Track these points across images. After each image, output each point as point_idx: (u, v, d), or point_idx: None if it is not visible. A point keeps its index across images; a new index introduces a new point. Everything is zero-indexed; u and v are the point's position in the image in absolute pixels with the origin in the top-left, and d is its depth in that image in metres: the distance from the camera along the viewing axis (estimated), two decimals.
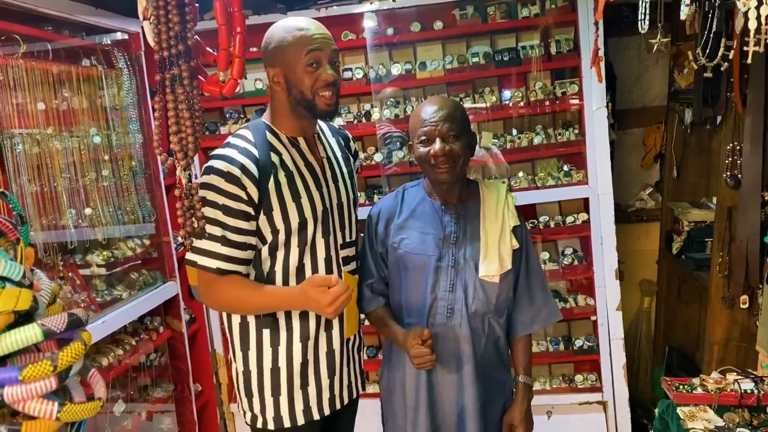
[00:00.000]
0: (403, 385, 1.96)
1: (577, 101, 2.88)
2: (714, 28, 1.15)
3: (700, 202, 3.24)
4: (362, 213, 2.60)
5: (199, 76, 1.03)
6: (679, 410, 1.92)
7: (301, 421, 1.79)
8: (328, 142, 1.89)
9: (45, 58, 2.24)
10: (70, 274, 2.34)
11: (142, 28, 2.63)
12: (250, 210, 1.63)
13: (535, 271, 1.97)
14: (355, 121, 2.99)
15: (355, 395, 1.95)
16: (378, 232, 1.97)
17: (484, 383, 1.91)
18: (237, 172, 1.59)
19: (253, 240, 1.67)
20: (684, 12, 1.19)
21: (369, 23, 2.93)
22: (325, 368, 1.80)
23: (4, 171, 2.01)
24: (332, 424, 1.92)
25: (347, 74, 2.95)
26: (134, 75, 2.66)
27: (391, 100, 2.99)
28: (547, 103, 2.91)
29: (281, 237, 1.69)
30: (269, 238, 1.68)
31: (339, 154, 1.90)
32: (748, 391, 1.91)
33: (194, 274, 1.73)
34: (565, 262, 2.98)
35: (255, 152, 1.65)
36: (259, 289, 1.69)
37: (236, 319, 1.77)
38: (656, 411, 2.07)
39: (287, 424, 1.78)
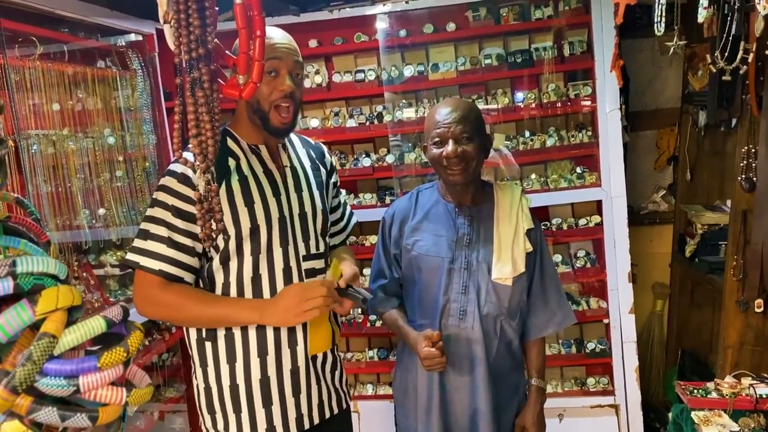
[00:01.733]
0: (415, 387, 1.97)
1: (590, 103, 2.87)
2: (733, 31, 1.14)
3: (714, 204, 3.21)
4: (374, 215, 2.62)
5: (219, 80, 1.04)
6: (693, 415, 1.90)
7: None
8: (295, 152, 1.84)
9: (60, 59, 2.26)
10: (84, 274, 2.36)
11: (156, 29, 2.67)
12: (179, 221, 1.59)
13: (549, 274, 1.97)
14: (367, 123, 2.99)
15: (329, 414, 1.83)
16: (392, 233, 1.97)
17: (496, 386, 1.91)
18: (189, 173, 1.56)
19: (199, 247, 1.62)
20: (702, 15, 1.18)
21: (381, 25, 2.94)
22: (289, 386, 1.71)
23: (20, 171, 2.02)
24: None
25: (360, 76, 2.96)
26: (148, 76, 2.68)
27: (403, 101, 2.99)
28: (559, 104, 2.90)
29: (232, 244, 1.63)
30: (221, 244, 1.63)
31: (307, 164, 1.84)
32: (764, 396, 1.90)
33: None
34: (577, 265, 2.97)
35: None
36: (204, 296, 1.63)
37: (194, 335, 1.71)
38: (670, 415, 2.05)
39: None
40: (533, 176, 2.95)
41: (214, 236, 1.12)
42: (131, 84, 2.62)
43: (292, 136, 1.87)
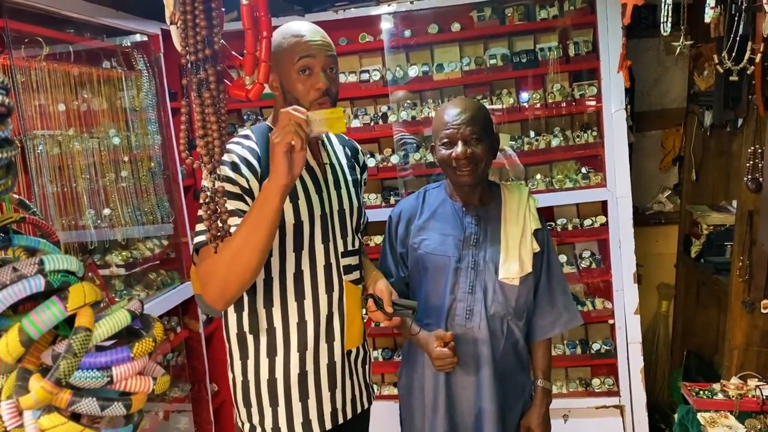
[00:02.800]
0: (421, 386, 1.97)
1: (595, 103, 2.86)
2: (740, 31, 1.14)
3: (720, 205, 3.20)
4: (378, 215, 2.61)
5: (225, 80, 1.04)
6: (699, 416, 1.90)
7: None
8: (333, 149, 1.85)
9: (66, 60, 2.26)
10: (89, 274, 2.36)
11: (162, 30, 2.67)
12: (249, 200, 1.57)
13: (556, 274, 1.97)
14: (372, 123, 2.99)
15: (360, 410, 1.86)
16: (398, 232, 1.97)
17: (502, 386, 1.91)
18: (239, 162, 1.57)
19: None
20: (709, 15, 1.18)
21: (386, 25, 2.93)
22: (325, 380, 1.74)
23: (26, 172, 2.03)
24: None
25: (364, 76, 2.96)
26: (153, 77, 2.69)
27: (408, 102, 2.99)
28: (564, 105, 2.89)
29: (276, 239, 1.63)
30: None
31: (344, 162, 1.86)
32: None
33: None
34: (582, 265, 2.96)
35: (257, 149, 1.63)
36: (240, 224, 1.49)
37: (233, 329, 1.73)
38: (676, 416, 2.05)
39: None
40: (538, 176, 2.94)
41: (221, 237, 1.12)
42: (136, 84, 2.63)
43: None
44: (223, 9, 0.95)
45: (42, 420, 0.71)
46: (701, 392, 2.00)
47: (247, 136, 1.68)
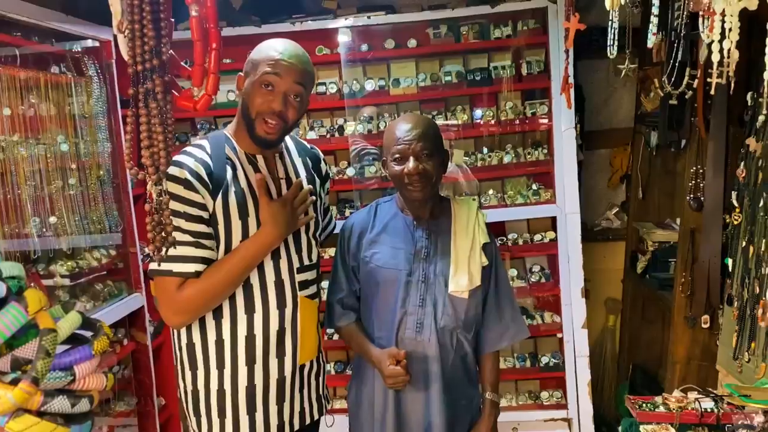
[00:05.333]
0: (371, 400, 1.96)
1: (546, 122, 2.93)
2: (680, 57, 1.19)
3: (665, 222, 3.31)
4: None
5: (173, 91, 1.03)
6: (642, 428, 1.94)
7: None
8: (292, 162, 1.84)
9: (12, 63, 2.20)
10: (32, 284, 2.29)
11: (115, 37, 2.63)
12: (206, 215, 1.60)
13: (504, 288, 2.00)
14: (328, 135, 2.99)
15: (309, 421, 1.87)
16: (350, 246, 1.97)
17: (451, 399, 1.92)
18: (192, 179, 1.57)
19: (213, 244, 1.64)
20: (651, 40, 1.23)
21: (343, 39, 2.95)
22: (274, 394, 1.74)
23: None
24: None
25: (321, 89, 2.96)
26: (105, 83, 2.63)
27: (365, 115, 3.00)
28: (517, 122, 2.95)
29: (221, 253, 1.64)
30: (212, 256, 1.63)
31: (303, 174, 1.85)
32: (708, 410, 1.94)
33: None
34: (532, 280, 3.01)
35: (210, 162, 1.62)
36: (217, 264, 1.62)
37: (183, 339, 1.72)
38: (620, 429, 2.09)
39: None
40: (491, 192, 2.99)
41: (165, 248, 1.10)
42: (87, 90, 2.57)
43: (289, 142, 1.88)
44: (173, 19, 0.95)
45: (11, 424, 0.70)
46: (644, 405, 2.04)
47: (201, 147, 1.67)
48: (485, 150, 3.00)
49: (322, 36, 2.95)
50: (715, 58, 0.97)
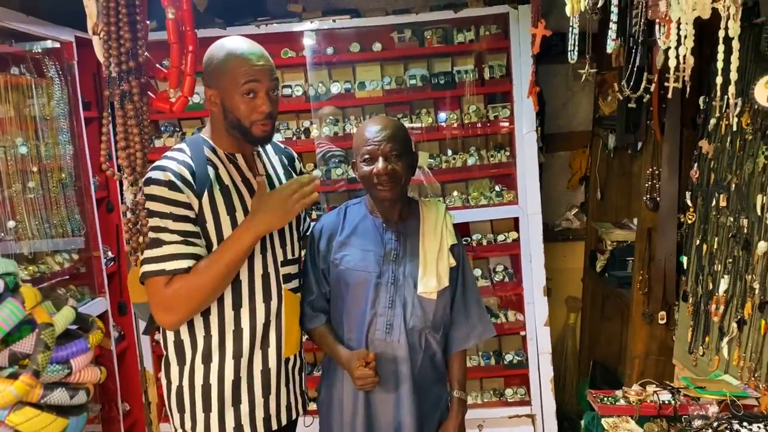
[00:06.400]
0: (341, 401, 1.98)
1: (508, 125, 2.99)
2: (638, 62, 1.25)
3: (622, 222, 3.40)
4: None
5: (149, 93, 1.03)
6: (603, 421, 2.01)
7: None
8: (269, 159, 1.89)
9: None
10: None
11: (76, 37, 2.59)
12: (192, 214, 1.63)
13: (470, 288, 2.04)
14: (294, 138, 3.00)
15: (295, 416, 1.92)
16: (320, 248, 1.98)
17: (420, 398, 1.95)
18: (176, 180, 1.59)
19: (204, 243, 1.66)
20: (610, 46, 1.28)
21: (309, 42, 2.97)
22: (259, 386, 1.78)
23: None
24: None
25: (287, 91, 2.97)
26: (66, 85, 2.59)
27: (330, 117, 3.02)
28: (480, 125, 3.01)
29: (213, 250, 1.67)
30: (203, 252, 1.66)
31: (281, 171, 1.90)
32: (666, 402, 2.02)
33: (140, 291, 1.66)
34: (496, 279, 3.07)
35: (191, 163, 1.66)
36: (208, 259, 1.63)
37: (171, 336, 1.74)
38: (582, 423, 2.15)
39: None
40: (455, 193, 3.04)
41: (141, 249, 1.11)
42: (47, 92, 2.53)
43: None
44: (149, 22, 0.96)
45: (12, 416, 0.70)
46: (605, 399, 2.11)
47: (181, 150, 1.70)
48: (449, 152, 3.05)
49: (287, 39, 2.96)
50: (672, 63, 1.02)
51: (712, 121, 2.24)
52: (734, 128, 2.00)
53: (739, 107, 2.01)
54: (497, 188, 3.05)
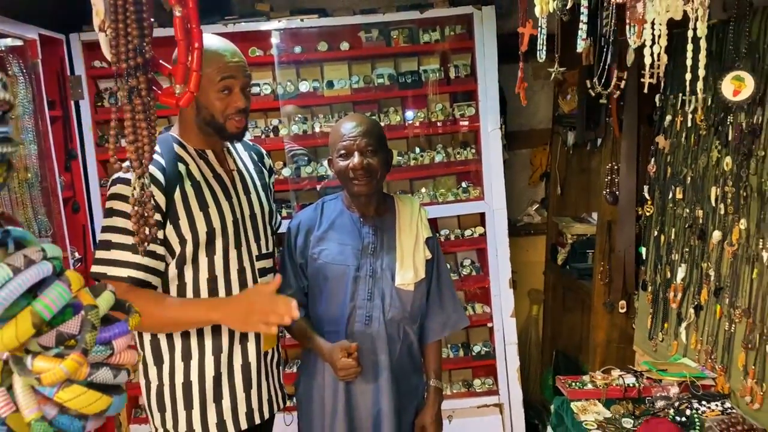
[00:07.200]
0: (321, 393, 2.02)
1: (473, 123, 3.07)
2: (608, 61, 1.33)
3: (581, 216, 3.53)
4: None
5: (154, 88, 1.06)
6: (572, 405, 2.10)
7: None
8: (239, 155, 1.91)
9: None
10: None
11: (40, 35, 2.55)
12: (158, 217, 1.62)
13: (445, 279, 2.10)
14: (263, 136, 3.01)
15: (276, 409, 1.95)
16: (297, 243, 2.02)
17: (399, 388, 2.01)
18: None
19: (162, 250, 1.65)
20: (580, 46, 1.35)
21: (277, 41, 2.98)
22: (240, 381, 1.79)
23: None
24: None
25: (255, 89, 2.98)
26: (30, 84, 2.54)
27: (299, 116, 3.05)
28: (446, 123, 3.08)
29: (189, 248, 1.68)
30: (177, 249, 1.67)
31: (251, 167, 1.93)
32: (631, 385, 2.13)
33: None
34: (464, 273, 3.15)
35: (161, 161, 1.66)
36: (165, 300, 1.66)
37: (147, 336, 1.75)
38: (552, 407, 2.24)
39: None
40: (423, 190, 3.11)
41: (149, 241, 1.13)
42: (12, 91, 2.48)
43: None
44: (153, 20, 0.98)
45: (61, 393, 0.73)
46: (573, 384, 2.21)
47: None
48: (417, 150, 3.11)
49: (255, 38, 2.97)
50: (647, 60, 1.10)
51: (668, 117, 2.36)
52: (699, 121, 2.10)
53: (693, 104, 2.13)
54: (464, 184, 3.12)
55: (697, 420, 1.88)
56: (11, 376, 0.73)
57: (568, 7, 1.40)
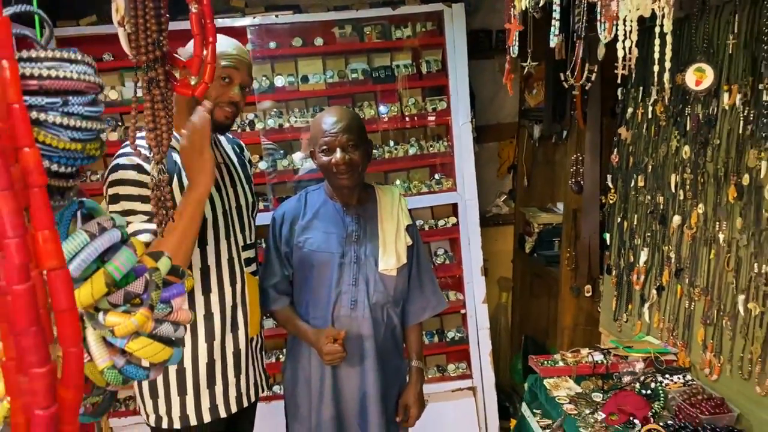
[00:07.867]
0: (307, 377, 2.09)
1: (445, 116, 3.17)
2: (581, 55, 1.44)
3: (547, 207, 3.67)
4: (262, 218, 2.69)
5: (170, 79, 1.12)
6: (545, 382, 2.22)
7: (207, 418, 1.83)
8: (224, 149, 1.97)
9: None
10: None
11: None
12: None
13: (424, 265, 2.20)
14: (239, 130, 3.06)
15: (262, 393, 2.03)
16: (282, 233, 2.08)
17: (383, 370, 2.09)
18: (144, 163, 1.62)
19: None
20: (553, 41, 1.45)
21: (252, 36, 3.03)
22: (232, 367, 1.86)
23: None
24: (233, 423, 1.97)
25: None
26: None
27: (274, 110, 3.10)
28: (418, 117, 3.18)
29: None
30: None
31: (235, 160, 1.99)
32: (599, 362, 2.26)
33: None
34: (438, 262, 3.26)
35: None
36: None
37: None
38: (526, 385, 2.36)
39: (193, 422, 1.82)
40: (398, 182, 3.20)
41: (166, 222, 1.19)
42: None
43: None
44: (168, 16, 1.05)
45: (130, 344, 0.79)
46: (545, 362, 2.33)
47: (142, 138, 1.72)
48: (391, 143, 3.19)
49: (230, 33, 2.93)
50: (620, 54, 1.21)
51: (630, 110, 2.50)
52: (659, 112, 2.23)
53: (654, 96, 2.27)
54: (436, 176, 3.22)
55: (661, 392, 2.02)
56: (84, 331, 0.79)
57: (540, 5, 1.50)
